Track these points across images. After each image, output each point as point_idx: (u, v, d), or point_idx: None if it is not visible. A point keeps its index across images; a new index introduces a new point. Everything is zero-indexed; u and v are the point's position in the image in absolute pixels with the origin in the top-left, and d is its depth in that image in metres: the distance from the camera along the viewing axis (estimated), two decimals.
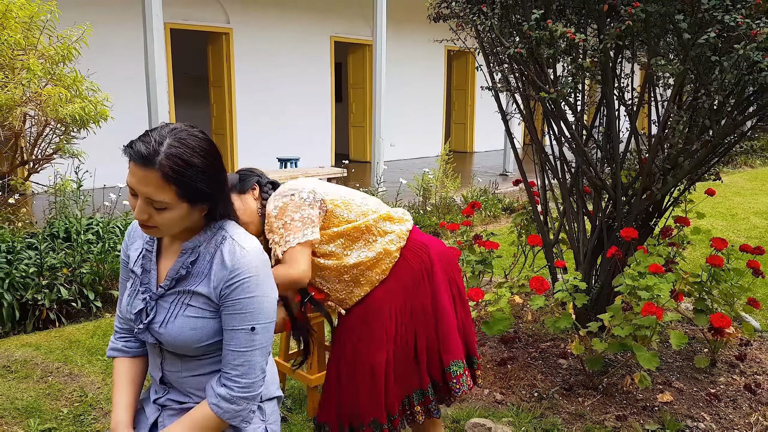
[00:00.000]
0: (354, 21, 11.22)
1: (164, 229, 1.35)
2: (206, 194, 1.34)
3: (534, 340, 3.51)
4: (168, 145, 1.28)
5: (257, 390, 1.41)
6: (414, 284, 2.03)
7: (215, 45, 9.86)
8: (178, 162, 1.27)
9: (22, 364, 3.42)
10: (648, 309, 2.43)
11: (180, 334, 1.39)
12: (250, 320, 1.37)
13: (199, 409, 1.40)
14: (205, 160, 1.32)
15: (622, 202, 3.21)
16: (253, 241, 1.43)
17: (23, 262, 4.02)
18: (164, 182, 1.27)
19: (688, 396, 2.97)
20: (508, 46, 2.70)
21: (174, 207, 1.31)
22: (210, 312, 1.39)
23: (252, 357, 1.38)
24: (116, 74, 8.24)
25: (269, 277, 1.41)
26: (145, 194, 1.29)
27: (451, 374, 2.10)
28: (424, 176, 7.18)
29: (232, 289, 1.36)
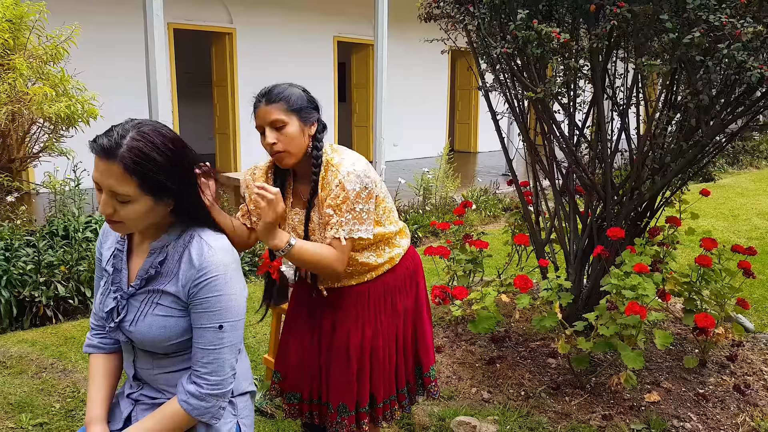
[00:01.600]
0: (357, 21, 11.24)
1: (130, 224, 1.36)
2: (169, 189, 1.35)
3: (524, 339, 3.51)
4: (130, 138, 1.30)
5: (227, 387, 1.43)
6: (400, 285, 2.08)
7: (218, 45, 9.91)
8: (138, 154, 1.29)
9: (17, 360, 3.46)
10: (632, 308, 2.43)
11: (149, 332, 1.41)
12: (218, 318, 1.39)
13: (169, 405, 1.42)
14: (167, 154, 1.33)
15: (613, 202, 3.22)
16: (222, 240, 1.44)
17: (21, 260, 4.07)
18: (126, 174, 1.29)
19: (676, 396, 2.97)
20: (495, 45, 2.72)
21: (137, 200, 1.32)
22: (179, 311, 1.41)
23: (221, 355, 1.40)
24: (119, 74, 8.31)
25: (238, 274, 1.43)
26: (108, 187, 1.31)
27: (430, 378, 2.20)
28: (424, 176, 7.19)
29: (200, 287, 1.38)
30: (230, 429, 1.52)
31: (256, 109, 1.84)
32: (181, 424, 1.42)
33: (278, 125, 1.80)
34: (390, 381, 2.07)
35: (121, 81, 8.29)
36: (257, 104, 1.83)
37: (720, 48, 2.33)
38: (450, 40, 3.24)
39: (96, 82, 7.99)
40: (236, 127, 10.09)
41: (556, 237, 3.65)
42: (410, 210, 6.80)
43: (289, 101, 1.81)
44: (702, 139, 2.85)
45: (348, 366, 1.97)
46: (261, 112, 1.82)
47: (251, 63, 10.05)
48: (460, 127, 14.65)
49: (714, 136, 2.90)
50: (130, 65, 8.21)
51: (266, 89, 1.85)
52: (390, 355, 2.05)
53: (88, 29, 8.00)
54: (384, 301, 2.02)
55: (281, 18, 10.39)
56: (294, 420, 2.19)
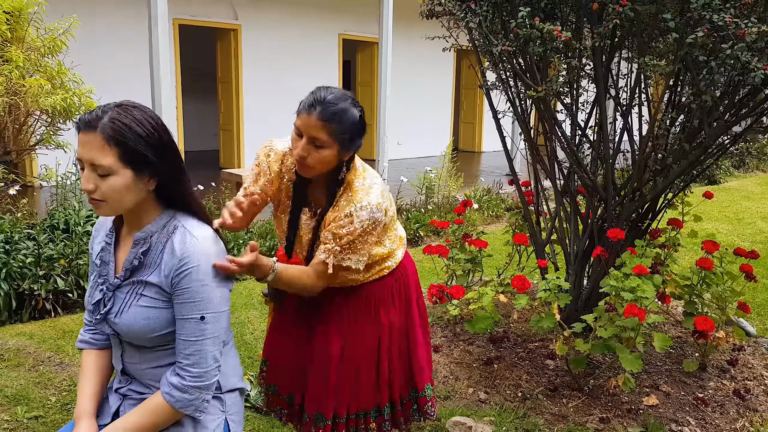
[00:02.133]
0: (363, 19, 11.21)
1: (112, 202, 1.35)
2: (150, 162, 1.35)
3: (523, 340, 3.49)
4: (112, 111, 1.33)
5: (210, 380, 1.41)
6: (386, 297, 1.96)
7: (223, 41, 9.90)
8: (118, 124, 1.30)
9: (15, 353, 3.46)
10: (630, 310, 2.41)
11: (134, 323, 1.40)
12: (199, 309, 1.37)
13: (153, 399, 1.41)
14: (146, 127, 1.34)
15: (614, 203, 3.19)
16: (205, 230, 1.43)
17: (21, 253, 4.06)
18: (105, 144, 1.30)
19: (675, 400, 2.94)
20: (497, 43, 2.69)
21: (117, 172, 1.32)
22: (163, 302, 1.40)
23: (203, 346, 1.39)
24: (123, 68, 8.31)
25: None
26: (89, 159, 1.31)
27: (426, 398, 2.08)
28: (426, 175, 7.17)
29: (182, 277, 1.36)
30: (218, 425, 1.50)
31: (304, 112, 1.67)
32: (166, 417, 1.41)
33: (317, 143, 1.67)
34: (366, 395, 1.95)
35: (124, 75, 8.30)
36: (308, 110, 1.66)
37: (723, 48, 2.31)
38: (452, 38, 3.22)
39: (99, 76, 8.00)
40: (240, 123, 10.08)
41: (556, 238, 3.63)
42: (412, 209, 6.78)
43: (340, 126, 1.66)
44: (705, 141, 2.82)
45: (326, 375, 1.90)
46: (307, 120, 1.66)
47: (256, 60, 10.04)
48: (465, 126, 14.62)
49: (717, 137, 2.87)
50: (134, 60, 8.22)
51: (324, 98, 1.66)
52: (368, 369, 1.94)
53: (91, 23, 8.02)
54: (365, 311, 1.93)
55: (286, 15, 10.37)
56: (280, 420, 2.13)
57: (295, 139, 1.72)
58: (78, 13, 7.91)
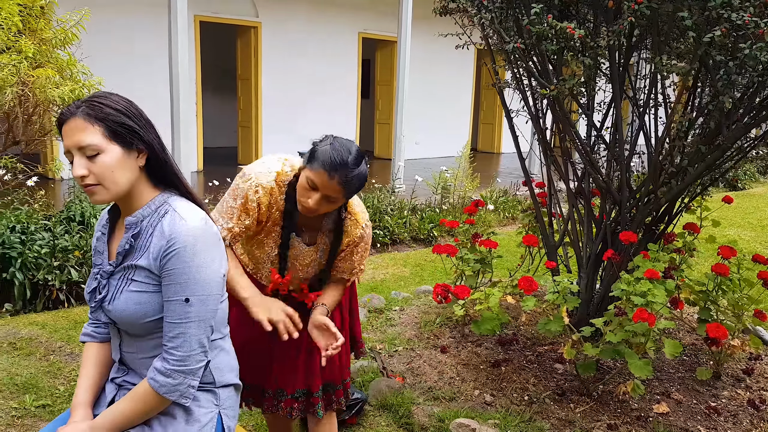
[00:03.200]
0: (383, 17, 11.19)
1: (107, 183, 1.35)
2: (136, 133, 1.36)
3: (532, 343, 3.44)
4: (87, 99, 1.37)
5: (194, 365, 1.39)
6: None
7: (244, 38, 9.95)
8: (96, 103, 1.34)
9: (27, 342, 3.51)
10: (640, 315, 2.36)
11: (126, 309, 1.39)
12: (184, 291, 1.36)
13: (141, 386, 1.41)
14: (123, 103, 1.38)
15: (629, 205, 3.13)
16: (196, 213, 1.41)
17: (37, 243, 4.12)
18: (88, 124, 1.32)
19: (687, 408, 2.87)
20: (509, 41, 2.65)
21: (105, 150, 1.33)
22: (153, 286, 1.39)
23: (187, 329, 1.37)
24: (144, 65, 8.39)
25: (210, 248, 1.39)
26: (75, 144, 1.32)
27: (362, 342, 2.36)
28: (442, 174, 7.13)
29: (168, 258, 1.35)
30: (211, 419, 1.49)
31: (323, 172, 1.71)
32: (152, 404, 1.40)
33: (331, 200, 1.78)
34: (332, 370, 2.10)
35: (144, 72, 8.38)
36: (329, 173, 1.71)
37: (742, 48, 2.24)
38: (466, 36, 3.18)
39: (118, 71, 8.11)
40: (258, 120, 10.13)
41: (569, 240, 3.58)
42: (426, 208, 6.75)
43: (355, 187, 1.78)
44: (723, 144, 2.75)
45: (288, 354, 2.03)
46: (328, 183, 1.72)
47: (275, 57, 10.08)
48: (484, 127, 14.54)
49: (735, 140, 2.80)
50: (154, 57, 8.29)
51: (345, 162, 1.72)
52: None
53: (111, 15, 8.11)
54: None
55: (306, 13, 10.40)
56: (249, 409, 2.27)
57: (306, 188, 1.77)
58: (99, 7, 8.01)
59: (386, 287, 4.72)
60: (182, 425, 1.45)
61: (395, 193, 7.02)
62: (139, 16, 8.46)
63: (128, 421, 1.41)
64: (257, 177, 1.86)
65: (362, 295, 4.32)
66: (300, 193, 1.78)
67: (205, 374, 1.49)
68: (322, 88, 10.85)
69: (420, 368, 3.20)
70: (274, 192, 1.86)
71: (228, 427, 1.54)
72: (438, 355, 3.30)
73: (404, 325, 3.75)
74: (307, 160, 1.77)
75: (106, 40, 8.14)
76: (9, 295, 3.95)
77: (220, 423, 1.52)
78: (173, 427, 1.44)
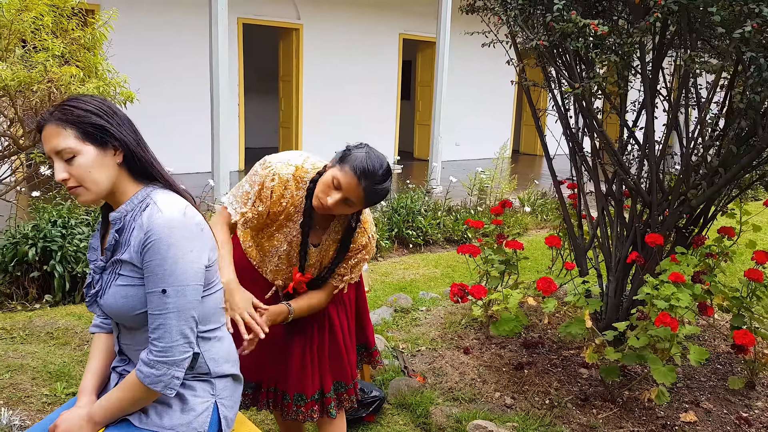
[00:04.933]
0: (423, 19, 11.17)
1: (87, 184, 1.38)
2: (107, 132, 1.39)
3: (558, 347, 3.38)
4: (62, 102, 1.42)
5: (177, 356, 1.40)
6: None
7: (285, 40, 10.09)
8: (67, 108, 1.38)
9: (63, 332, 3.64)
10: (662, 319, 2.28)
11: (114, 303, 1.43)
12: (161, 283, 1.37)
13: (131, 375, 1.44)
14: (94, 103, 1.41)
15: (661, 208, 3.03)
16: (174, 206, 1.42)
17: (76, 237, 4.26)
18: (61, 128, 1.36)
19: (716, 418, 2.77)
20: (532, 38, 2.61)
21: (80, 151, 1.37)
22: (138, 279, 1.41)
23: (167, 320, 1.38)
24: (184, 66, 8.60)
25: (185, 240, 1.39)
26: (52, 149, 1.37)
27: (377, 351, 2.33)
28: (477, 176, 7.07)
29: (146, 250, 1.37)
30: (207, 408, 1.51)
31: (352, 175, 1.73)
32: (140, 394, 1.42)
33: (348, 204, 1.79)
34: (342, 369, 2.11)
35: (186, 72, 8.58)
36: (358, 178, 1.73)
37: None
38: (493, 34, 3.15)
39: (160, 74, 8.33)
40: (299, 121, 10.25)
41: (599, 243, 3.49)
42: (461, 209, 6.70)
43: (378, 198, 1.80)
44: (758, 144, 2.65)
45: (303, 358, 2.03)
46: (354, 188, 1.74)
47: (317, 59, 10.18)
48: (527, 128, 14.33)
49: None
50: (197, 56, 8.46)
51: (375, 172, 1.74)
52: (345, 343, 2.11)
53: (151, 18, 8.34)
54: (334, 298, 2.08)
55: (347, 14, 10.47)
56: (246, 410, 2.26)
57: (329, 186, 1.78)
58: (143, 11, 8.23)
59: (415, 287, 4.71)
60: (177, 414, 1.47)
61: (430, 194, 6.99)
62: (180, 17, 8.67)
63: (120, 409, 1.45)
64: (276, 167, 1.88)
65: (390, 295, 4.32)
66: (321, 189, 1.78)
67: (200, 365, 1.51)
68: (363, 89, 10.90)
69: (442, 368, 3.17)
70: (290, 186, 1.87)
71: (225, 416, 1.56)
72: (461, 356, 3.27)
73: (429, 325, 3.73)
74: (338, 160, 1.78)
75: (147, 40, 8.38)
76: (49, 287, 4.10)
77: (216, 412, 1.54)
78: (168, 415, 1.47)
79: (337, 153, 1.82)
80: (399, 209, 6.07)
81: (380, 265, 5.37)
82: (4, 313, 3.83)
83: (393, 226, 5.95)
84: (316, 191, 1.81)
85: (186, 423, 1.49)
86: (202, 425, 1.51)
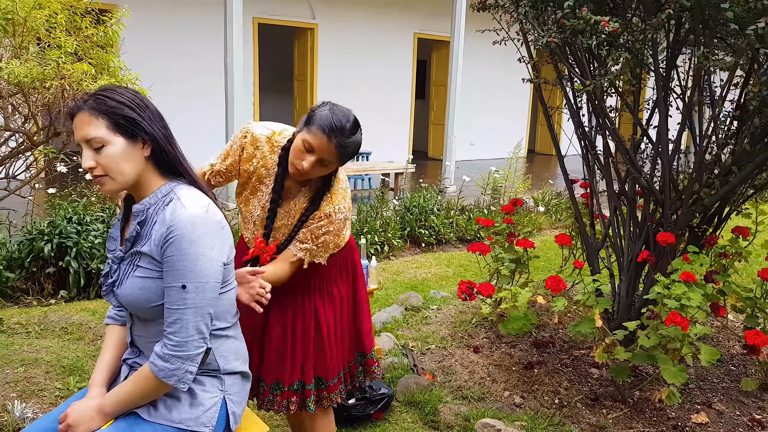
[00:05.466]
0: (438, 18, 11.15)
1: (113, 174, 1.40)
2: (138, 125, 1.40)
3: (569, 346, 3.35)
4: (97, 90, 1.43)
5: (192, 351, 1.42)
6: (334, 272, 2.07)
7: (300, 40, 10.13)
8: (101, 97, 1.40)
9: (77, 327, 3.68)
10: (672, 319, 2.26)
11: (131, 293, 1.44)
12: (181, 278, 1.39)
13: (144, 368, 1.45)
14: (127, 95, 1.42)
15: (674, 207, 3.00)
16: (197, 202, 1.44)
17: (91, 234, 4.32)
18: (93, 117, 1.38)
19: (728, 420, 2.73)
20: (542, 35, 2.60)
21: (110, 142, 1.38)
22: (156, 272, 1.43)
23: (184, 315, 1.40)
24: (201, 67, 8.66)
25: (207, 237, 1.41)
26: (82, 137, 1.38)
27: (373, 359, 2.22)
28: (491, 175, 7.04)
29: (168, 245, 1.39)
30: (215, 403, 1.52)
31: (322, 135, 1.75)
32: (152, 387, 1.44)
33: (324, 163, 1.80)
34: (326, 364, 2.06)
35: (200, 72, 8.65)
36: (328, 136, 1.74)
37: None
38: (504, 31, 3.14)
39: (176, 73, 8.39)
40: None
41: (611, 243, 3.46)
42: (474, 209, 6.68)
43: (351, 153, 1.80)
44: None
45: (283, 344, 2.01)
46: (325, 146, 1.75)
47: (331, 58, 10.21)
48: (543, 128, 14.25)
49: None
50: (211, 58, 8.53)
51: (343, 127, 1.76)
52: (329, 339, 2.04)
53: (164, 17, 8.41)
54: (318, 289, 2.03)
55: (362, 14, 10.49)
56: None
57: (302, 150, 1.78)
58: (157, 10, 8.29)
59: (427, 286, 4.71)
60: (186, 408, 1.49)
61: (444, 193, 6.98)
62: (195, 16, 8.73)
63: (131, 401, 1.46)
64: (252, 126, 1.93)
65: (401, 293, 4.32)
66: (295, 155, 1.79)
67: (209, 361, 1.53)
68: (377, 88, 10.91)
69: (451, 367, 3.17)
70: (262, 146, 1.90)
71: (233, 412, 1.57)
72: (470, 355, 3.26)
73: (439, 323, 3.73)
74: (304, 123, 1.80)
75: (161, 39, 8.46)
76: (64, 283, 4.16)
77: (224, 408, 1.55)
78: (177, 409, 1.48)
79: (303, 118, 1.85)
80: (411, 208, 6.06)
81: (392, 264, 5.37)
82: (20, 309, 3.89)
83: (405, 225, 5.94)
84: (290, 158, 1.83)
85: (194, 417, 1.50)
86: (210, 420, 1.52)
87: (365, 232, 5.49)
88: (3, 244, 4.15)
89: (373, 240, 5.48)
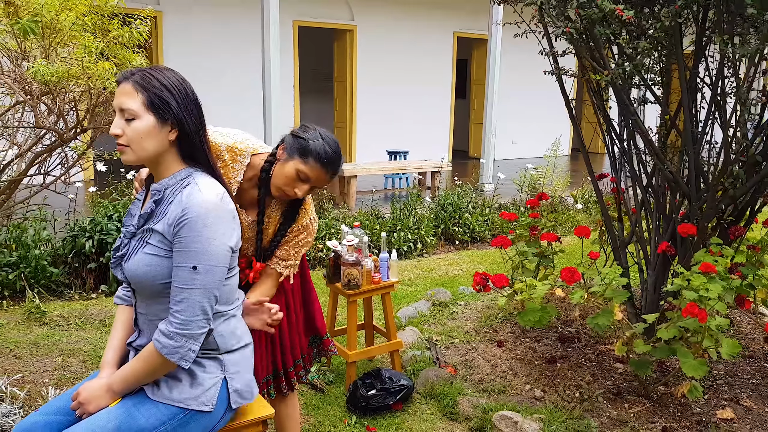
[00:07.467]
0: (477, 16, 11.09)
1: (134, 146, 1.47)
2: (172, 110, 1.48)
3: (595, 341, 3.30)
4: (147, 67, 1.53)
5: (196, 330, 1.48)
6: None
7: (340, 42, 10.25)
8: (146, 75, 1.49)
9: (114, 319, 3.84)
10: (690, 310, 2.21)
11: (137, 269, 1.51)
12: (192, 259, 1.45)
13: (148, 347, 1.52)
14: (172, 79, 1.50)
15: (701, 199, 2.92)
16: (213, 189, 1.50)
17: None
18: (133, 90, 1.47)
19: (756, 416, 2.65)
20: (559, 25, 2.58)
21: (141, 116, 1.46)
22: (165, 251, 1.49)
23: (192, 295, 1.46)
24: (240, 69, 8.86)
25: (220, 222, 1.47)
26: (119, 104, 1.47)
27: (329, 339, 2.36)
28: (528, 172, 6.97)
29: (181, 226, 1.45)
30: (215, 383, 1.58)
31: (320, 168, 1.84)
32: (156, 364, 1.50)
33: (316, 189, 1.93)
34: (285, 353, 2.16)
35: (249, 74, 8.84)
36: (326, 168, 1.85)
37: None
38: (525, 24, 3.12)
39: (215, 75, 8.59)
40: (353, 120, 10.38)
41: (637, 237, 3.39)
42: (510, 206, 6.63)
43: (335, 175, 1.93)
44: None
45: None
46: (323, 177, 1.87)
47: (370, 59, 10.29)
48: (587, 126, 13.95)
49: None
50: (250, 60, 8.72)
51: (335, 159, 1.88)
52: (282, 330, 2.13)
53: (210, 19, 8.63)
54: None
55: (401, 14, 10.52)
56: None
57: (295, 180, 1.85)
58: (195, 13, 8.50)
59: (457, 283, 4.70)
60: (186, 388, 1.55)
61: (482, 191, 6.95)
62: (234, 19, 8.93)
63: (137, 379, 1.54)
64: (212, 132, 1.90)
65: (430, 289, 4.34)
66: (286, 183, 1.85)
67: (209, 341, 1.58)
68: (417, 88, 10.93)
69: (474, 361, 3.17)
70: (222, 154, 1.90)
71: (236, 389, 1.62)
72: (494, 349, 3.26)
73: (465, 318, 3.73)
74: (298, 154, 1.84)
75: (202, 42, 8.69)
76: (105, 278, 4.34)
77: (225, 388, 1.61)
78: (178, 389, 1.54)
79: (287, 140, 1.88)
80: (446, 206, 6.06)
81: (424, 261, 5.38)
82: (62, 302, 4.08)
83: (439, 222, 5.95)
84: (279, 184, 1.87)
85: (194, 397, 1.56)
86: (210, 400, 1.57)
87: (398, 230, 5.52)
88: (48, 241, 4.35)
89: (406, 237, 5.51)
